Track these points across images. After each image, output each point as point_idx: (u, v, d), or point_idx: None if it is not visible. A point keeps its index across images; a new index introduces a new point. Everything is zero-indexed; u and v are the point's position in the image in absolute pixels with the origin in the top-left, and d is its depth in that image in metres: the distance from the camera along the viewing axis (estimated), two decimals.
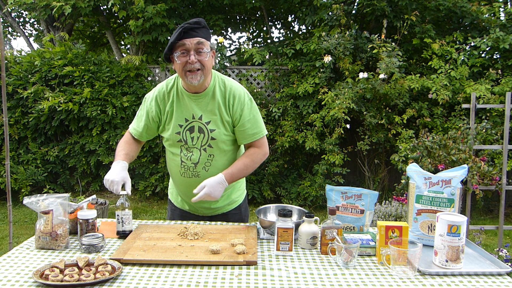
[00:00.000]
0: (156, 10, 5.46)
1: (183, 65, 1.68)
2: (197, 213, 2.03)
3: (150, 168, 5.65)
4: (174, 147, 1.86)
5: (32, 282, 1.27)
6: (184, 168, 1.86)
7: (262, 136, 1.87)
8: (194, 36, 1.67)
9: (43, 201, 1.57)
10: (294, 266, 1.42)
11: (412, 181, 1.67)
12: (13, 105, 5.50)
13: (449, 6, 5.58)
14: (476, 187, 3.04)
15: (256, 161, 1.87)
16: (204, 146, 1.82)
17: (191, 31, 1.66)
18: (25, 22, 8.20)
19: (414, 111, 4.96)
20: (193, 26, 1.67)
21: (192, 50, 1.67)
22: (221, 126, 1.81)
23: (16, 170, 5.35)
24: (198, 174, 1.85)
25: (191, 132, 1.82)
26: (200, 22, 1.69)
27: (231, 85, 1.83)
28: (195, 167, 1.84)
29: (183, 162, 1.85)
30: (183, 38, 1.66)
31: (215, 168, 1.84)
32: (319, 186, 5.08)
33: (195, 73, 1.69)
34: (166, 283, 1.28)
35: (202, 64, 1.69)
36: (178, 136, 1.83)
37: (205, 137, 1.81)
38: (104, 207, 4.42)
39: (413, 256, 1.35)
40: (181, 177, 1.89)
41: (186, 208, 2.04)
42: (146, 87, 5.64)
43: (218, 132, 1.80)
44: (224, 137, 1.82)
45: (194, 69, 1.68)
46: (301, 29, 7.39)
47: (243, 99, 1.82)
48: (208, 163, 1.84)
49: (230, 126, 1.83)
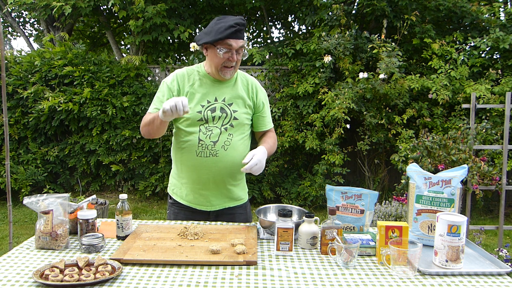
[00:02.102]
0: (156, 10, 5.46)
1: (223, 60, 1.80)
2: (200, 207, 1.96)
3: (150, 168, 5.65)
4: (193, 126, 1.86)
5: (32, 282, 1.27)
6: (202, 147, 1.85)
7: (272, 126, 2.09)
8: (241, 38, 1.80)
9: (43, 201, 1.57)
10: (294, 266, 1.42)
11: (412, 181, 1.67)
12: (13, 105, 5.50)
13: (449, 6, 5.58)
14: (476, 187, 3.04)
15: (276, 144, 2.06)
16: (225, 125, 1.87)
17: (239, 32, 1.78)
18: (25, 22, 8.20)
19: (414, 111, 4.96)
20: (242, 28, 1.79)
21: (235, 50, 1.79)
22: (243, 108, 1.92)
23: (16, 170, 5.35)
24: (217, 153, 1.85)
25: (212, 112, 1.87)
26: (245, 24, 1.82)
27: (252, 78, 2.02)
28: (214, 145, 1.85)
29: (201, 140, 1.85)
30: (232, 37, 1.77)
31: (233, 148, 1.87)
32: (319, 186, 5.08)
33: (230, 69, 1.84)
34: (166, 283, 1.28)
35: (237, 62, 1.85)
36: (199, 115, 1.86)
37: (227, 116, 1.88)
38: (104, 207, 4.42)
39: (413, 256, 1.35)
40: (197, 158, 1.85)
41: (190, 200, 1.96)
42: (146, 87, 5.64)
43: (240, 113, 1.91)
44: (245, 118, 1.93)
45: (231, 65, 1.83)
46: (301, 29, 7.39)
47: (263, 89, 2.03)
48: (228, 142, 1.86)
49: (251, 109, 1.96)
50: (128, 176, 5.81)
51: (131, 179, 5.84)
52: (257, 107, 1.98)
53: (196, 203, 1.96)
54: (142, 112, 5.57)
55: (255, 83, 2.00)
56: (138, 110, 5.54)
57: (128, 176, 5.80)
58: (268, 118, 2.04)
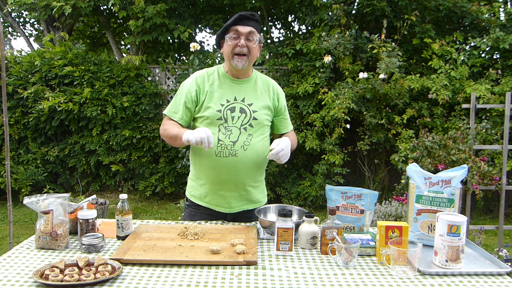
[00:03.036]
0: (156, 10, 5.46)
1: (233, 47, 1.82)
2: (219, 208, 1.94)
3: (150, 168, 5.65)
4: (212, 126, 1.84)
5: (32, 282, 1.27)
6: (221, 147, 1.84)
7: (292, 128, 2.10)
8: (248, 25, 1.81)
9: (43, 201, 1.57)
10: (294, 266, 1.42)
11: (412, 181, 1.67)
12: (13, 105, 5.50)
13: (449, 6, 5.58)
14: (476, 187, 3.04)
15: (296, 142, 2.08)
16: (244, 125, 1.87)
17: (246, 19, 1.81)
18: (25, 22, 8.20)
19: (414, 111, 4.96)
20: (249, 16, 1.82)
21: (243, 36, 1.81)
22: (263, 108, 1.92)
23: (16, 170, 5.35)
24: (236, 153, 1.84)
25: (232, 111, 1.87)
26: (255, 14, 1.84)
27: (272, 81, 2.03)
28: (233, 145, 1.84)
29: (220, 140, 1.84)
30: (238, 24, 1.80)
31: (252, 148, 1.86)
32: (319, 186, 5.08)
33: (241, 57, 1.83)
34: (166, 283, 1.28)
35: (249, 50, 1.83)
36: (218, 113, 1.85)
37: (246, 116, 1.88)
38: (104, 207, 4.42)
39: (413, 256, 1.35)
40: (216, 158, 1.84)
41: (209, 201, 1.94)
42: (146, 87, 5.64)
43: (260, 113, 1.90)
44: (265, 119, 1.92)
45: (241, 52, 1.82)
46: (301, 29, 7.39)
47: (283, 93, 2.04)
48: (247, 142, 1.86)
49: (271, 110, 1.96)
50: (128, 176, 5.81)
51: (131, 179, 5.84)
52: (278, 110, 1.99)
53: (215, 204, 1.94)
54: (142, 112, 5.58)
55: (276, 86, 2.01)
56: (138, 110, 5.54)
57: (128, 176, 5.80)
58: (289, 120, 2.07)
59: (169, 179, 5.58)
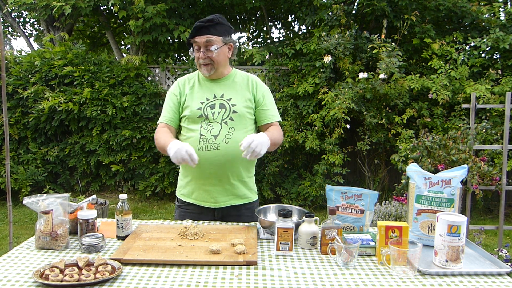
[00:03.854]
0: (156, 10, 5.46)
1: (197, 59, 1.91)
2: (205, 203, 1.96)
3: (150, 168, 5.65)
4: (194, 124, 1.92)
5: (32, 282, 1.27)
6: (203, 141, 1.87)
7: (279, 120, 2.05)
8: (205, 34, 1.85)
9: (43, 201, 1.57)
10: (294, 266, 1.42)
11: (412, 181, 1.67)
12: (13, 105, 5.50)
13: (449, 6, 5.58)
14: (476, 187, 3.04)
15: (281, 136, 2.03)
16: (225, 119, 1.90)
17: (202, 29, 1.85)
18: (25, 22, 8.20)
19: (414, 111, 4.96)
20: (205, 24, 1.85)
21: (202, 47, 1.87)
22: (242, 101, 1.95)
23: (16, 170, 5.35)
24: (218, 147, 1.86)
25: (212, 108, 1.92)
26: (213, 19, 1.86)
27: (252, 76, 2.07)
28: (215, 139, 1.87)
29: (202, 135, 1.88)
30: (195, 35, 1.86)
31: (234, 141, 1.86)
32: (319, 186, 5.08)
33: (206, 66, 1.90)
34: (166, 283, 1.28)
35: (211, 59, 1.88)
36: (199, 111, 1.91)
37: (226, 111, 1.92)
38: (104, 207, 4.42)
39: (413, 256, 1.35)
40: (199, 153, 1.84)
41: (196, 197, 1.97)
42: (146, 87, 5.64)
43: (240, 106, 1.93)
44: (245, 111, 1.94)
45: (204, 63, 1.89)
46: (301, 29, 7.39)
47: (264, 85, 2.06)
48: (229, 135, 1.88)
49: (252, 103, 1.98)
50: (128, 176, 5.81)
51: (131, 179, 5.84)
52: (257, 101, 2.00)
53: (202, 199, 1.97)
54: (142, 112, 5.58)
55: (255, 79, 2.04)
56: (138, 110, 5.54)
57: (128, 176, 5.80)
58: (271, 111, 2.02)
59: (169, 179, 5.57)
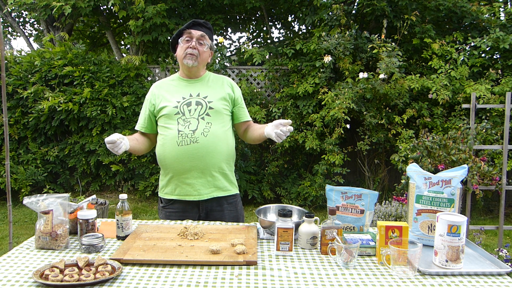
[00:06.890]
0: (156, 10, 5.46)
1: (185, 48, 1.99)
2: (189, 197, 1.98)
3: (150, 168, 5.65)
4: (171, 121, 1.97)
5: (32, 282, 1.27)
6: (182, 136, 1.93)
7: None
8: (200, 30, 2.00)
9: (43, 201, 1.57)
10: (294, 266, 1.42)
11: (412, 181, 1.67)
12: (13, 105, 5.50)
13: (449, 6, 5.57)
14: (476, 187, 3.04)
15: None
16: (202, 115, 1.97)
17: (198, 26, 2.01)
18: (25, 22, 8.20)
19: (414, 111, 4.96)
20: (202, 23, 2.02)
21: (195, 39, 1.98)
22: (218, 99, 2.03)
23: (16, 170, 5.35)
24: (197, 140, 1.92)
25: (188, 105, 1.99)
26: (208, 23, 2.06)
27: (225, 76, 2.19)
28: (193, 133, 1.93)
29: (180, 131, 1.94)
30: (191, 28, 1.99)
31: (213, 135, 1.94)
32: (319, 186, 5.08)
33: (192, 56, 1.99)
34: (166, 283, 1.28)
35: (199, 52, 1.99)
36: (175, 109, 1.98)
37: (203, 107, 1.99)
38: (104, 207, 4.42)
39: (413, 256, 1.35)
40: (178, 147, 1.93)
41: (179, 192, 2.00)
42: (146, 87, 5.63)
43: (216, 103, 2.01)
44: (222, 108, 2.02)
45: (192, 53, 1.98)
46: (301, 29, 7.39)
47: (237, 86, 2.18)
48: (207, 129, 1.95)
49: (227, 101, 2.06)
50: (128, 176, 5.81)
51: (131, 179, 5.84)
52: (235, 100, 2.10)
53: (185, 193, 1.99)
54: None
55: (228, 79, 2.16)
56: (138, 110, 5.53)
57: (128, 176, 5.80)
58: (246, 110, 2.17)
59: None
